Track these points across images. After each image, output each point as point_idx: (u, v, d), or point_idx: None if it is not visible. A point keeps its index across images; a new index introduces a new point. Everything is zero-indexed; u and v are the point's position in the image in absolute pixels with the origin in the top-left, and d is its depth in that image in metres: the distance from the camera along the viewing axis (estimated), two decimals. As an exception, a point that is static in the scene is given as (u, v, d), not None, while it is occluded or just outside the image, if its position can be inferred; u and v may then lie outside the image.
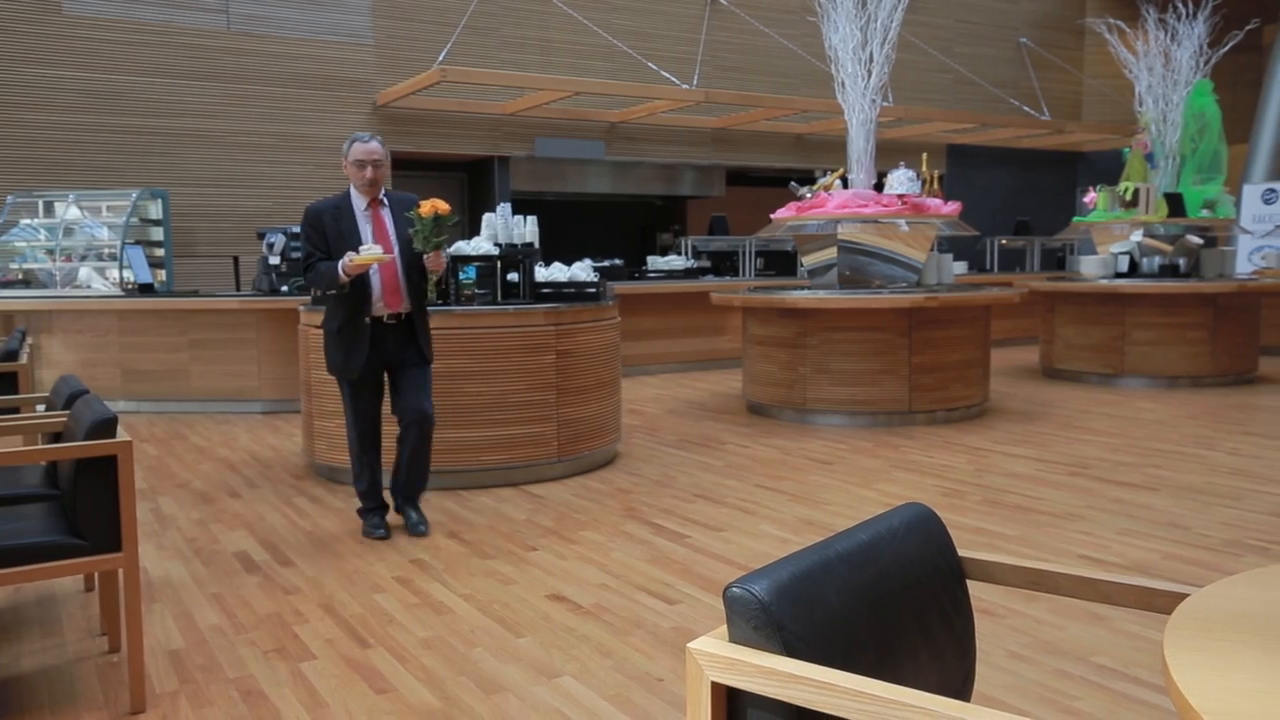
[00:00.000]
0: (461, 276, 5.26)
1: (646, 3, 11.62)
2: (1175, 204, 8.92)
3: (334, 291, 4.03)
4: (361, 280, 4.01)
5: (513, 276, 5.47)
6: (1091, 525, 4.31)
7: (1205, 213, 9.07)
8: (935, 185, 7.55)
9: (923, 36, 13.14)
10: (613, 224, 14.15)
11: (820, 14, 7.48)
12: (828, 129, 12.13)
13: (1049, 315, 9.21)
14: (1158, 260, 9.02)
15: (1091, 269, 9.11)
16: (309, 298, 5.73)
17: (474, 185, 11.83)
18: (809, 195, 7.46)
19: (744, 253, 11.34)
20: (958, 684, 1.46)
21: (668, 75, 11.01)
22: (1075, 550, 3.96)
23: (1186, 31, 9.08)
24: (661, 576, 3.68)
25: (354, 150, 4.08)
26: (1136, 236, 9.05)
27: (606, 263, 10.06)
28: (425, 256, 4.04)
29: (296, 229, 8.09)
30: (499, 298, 5.34)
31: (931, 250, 7.63)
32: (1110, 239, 9.29)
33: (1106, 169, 13.61)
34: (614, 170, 11.97)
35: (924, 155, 7.88)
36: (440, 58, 10.00)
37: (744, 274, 11.25)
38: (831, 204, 7.21)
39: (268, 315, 7.63)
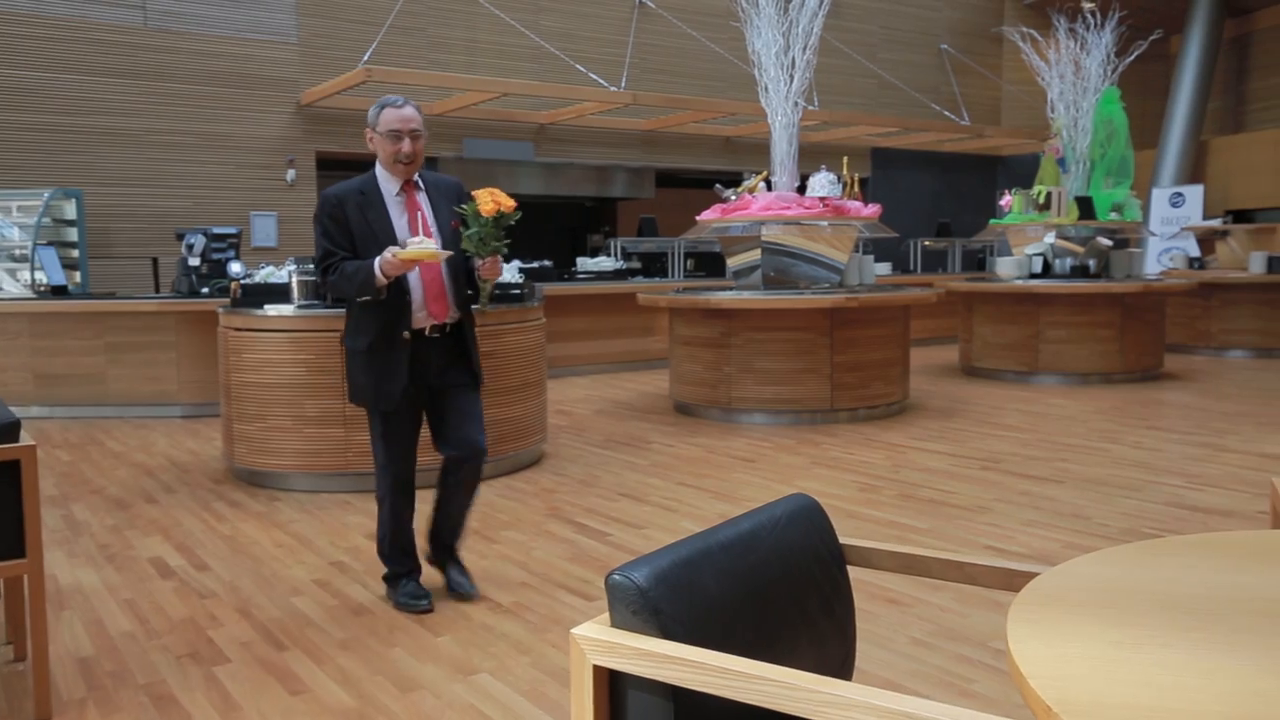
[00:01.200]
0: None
1: (574, 5, 11.67)
2: (1086, 207, 9.24)
3: (366, 298, 3.16)
4: (398, 285, 3.15)
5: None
6: (999, 517, 4.47)
7: (1114, 215, 9.42)
8: (856, 188, 7.72)
9: (847, 42, 13.40)
10: (543, 225, 14.16)
11: (743, 19, 7.60)
12: (755, 132, 12.30)
13: (967, 315, 9.48)
14: (1069, 261, 9.34)
15: (1007, 270, 9.39)
16: (226, 303, 5.64)
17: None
18: (733, 197, 7.57)
19: (673, 254, 11.45)
20: (836, 666, 1.54)
21: (595, 77, 11.06)
22: (982, 541, 4.10)
23: (1095, 41, 9.42)
24: (582, 574, 3.73)
25: (385, 119, 3.18)
26: (1049, 238, 9.36)
27: (536, 264, 10.08)
28: (479, 262, 3.23)
29: (218, 230, 7.98)
30: (422, 299, 5.34)
31: (854, 252, 7.81)
32: (1025, 241, 9.60)
33: (1024, 172, 14.04)
34: (544, 171, 11.99)
35: (845, 159, 8.05)
36: (365, 57, 9.92)
37: (673, 275, 11.36)
38: (755, 206, 7.34)
39: (187, 317, 7.50)
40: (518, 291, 5.65)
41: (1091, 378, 8.76)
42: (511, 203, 3.18)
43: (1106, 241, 9.34)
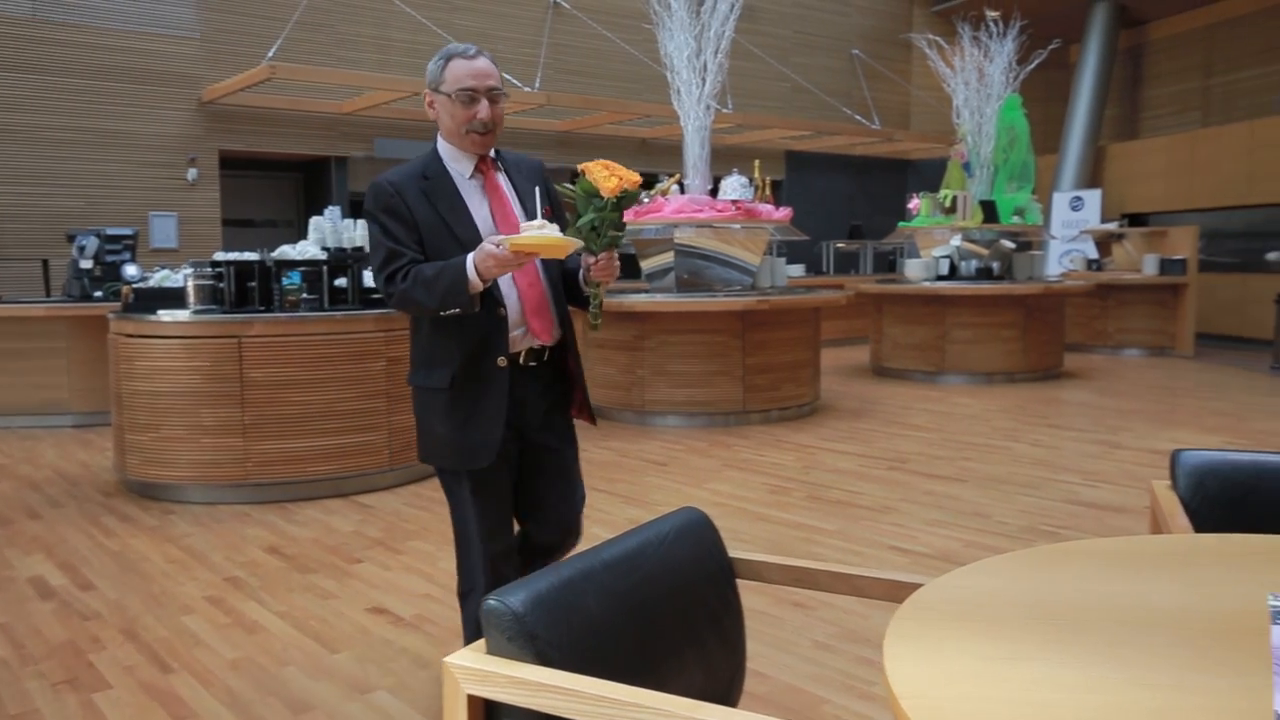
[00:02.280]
0: (285, 282, 5.09)
1: (488, 4, 11.54)
2: (989, 211, 9.49)
3: (454, 310, 2.26)
4: (488, 294, 2.31)
5: (341, 282, 5.33)
6: (904, 517, 4.54)
7: (1016, 219, 9.69)
8: (767, 191, 7.80)
9: (761, 46, 13.53)
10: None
11: (656, 21, 7.60)
12: (671, 134, 12.32)
13: (878, 316, 9.65)
14: (975, 264, 9.58)
15: (915, 272, 9.59)
16: (136, 309, 5.40)
17: (310, 186, 11.46)
18: (646, 200, 7.57)
19: (589, 256, 11.40)
20: (725, 681, 1.52)
21: (509, 78, 10.94)
22: (887, 541, 4.16)
23: (998, 49, 9.68)
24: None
25: (454, 73, 2.32)
26: (956, 241, 9.59)
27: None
28: (591, 259, 2.33)
29: (113, 230, 7.66)
30: (325, 304, 5.20)
31: (766, 254, 7.88)
32: (932, 243, 9.81)
33: (933, 176, 14.36)
34: (458, 172, 11.84)
35: (757, 162, 8.12)
36: (270, 53, 9.65)
37: (589, 277, 11.30)
38: (668, 209, 7.34)
39: (79, 323, 7.18)
40: (425, 295, 5.53)
41: (996, 377, 8.99)
42: (636, 177, 2.30)
43: (1010, 244, 9.60)
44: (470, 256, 2.22)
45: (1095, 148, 14.21)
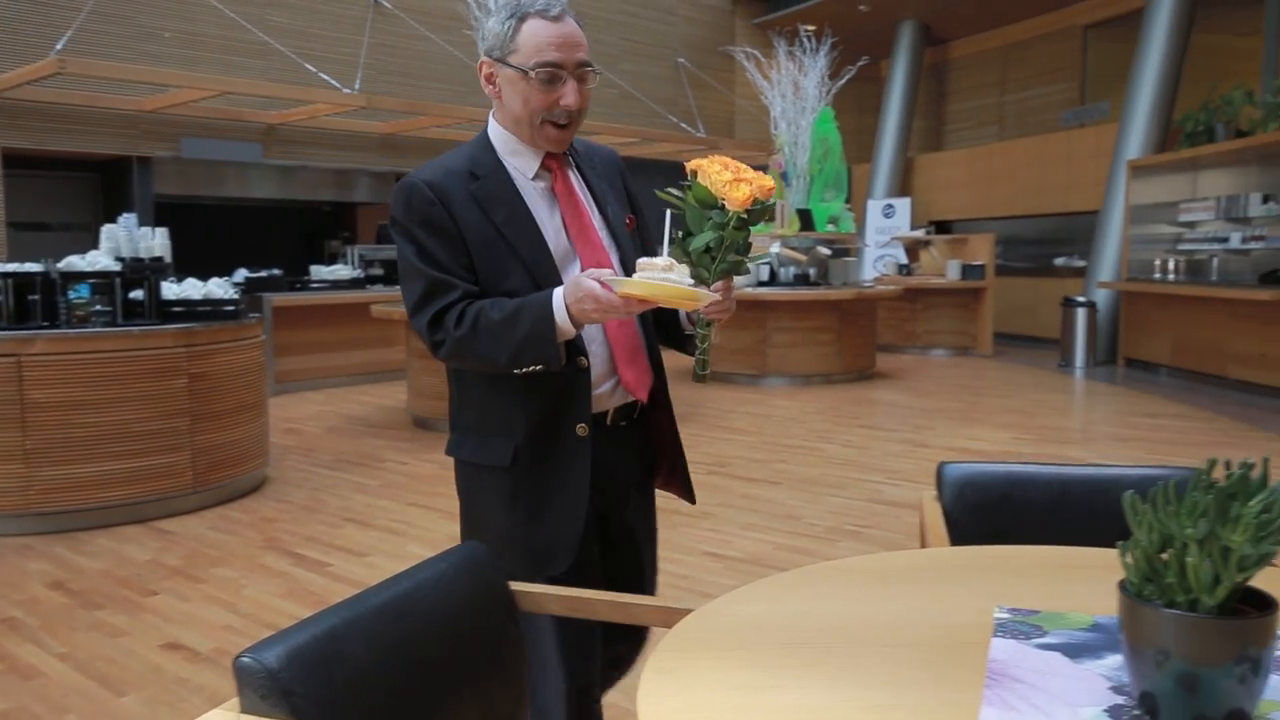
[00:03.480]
0: (73, 295, 4.76)
1: (305, 1, 11.13)
2: (806, 219, 9.89)
3: (537, 366, 1.71)
4: (568, 343, 1.73)
5: (137, 294, 5.03)
6: (720, 522, 4.67)
7: (831, 227, 10.13)
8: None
9: (590, 52, 13.60)
10: (278, 231, 13.44)
11: (476, 27, 7.53)
12: (498, 138, 12.22)
13: (703, 321, 9.87)
14: (793, 270, 9.95)
15: (738, 278, 9.87)
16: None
17: (110, 187, 10.74)
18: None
19: (415, 261, 11.16)
20: (506, 717, 1.52)
21: (327, 78, 10.60)
22: (702, 547, 4.27)
23: (811, 64, 10.09)
24: (295, 611, 3.54)
25: (531, 38, 1.74)
26: (775, 248, 9.93)
27: (264, 272, 9.54)
28: (704, 290, 1.70)
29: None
30: (120, 318, 4.89)
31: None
32: (754, 250, 10.12)
33: (756, 183, 14.82)
34: (279, 174, 11.36)
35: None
36: (59, 45, 8.99)
37: (416, 283, 11.07)
38: (491, 217, 7.28)
39: None
40: (231, 308, 5.29)
41: (814, 379, 9.37)
42: (769, 181, 1.72)
43: (826, 250, 10.03)
44: (560, 293, 1.65)
45: (905, 158, 15.02)
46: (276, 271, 9.65)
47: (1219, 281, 9.49)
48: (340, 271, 10.18)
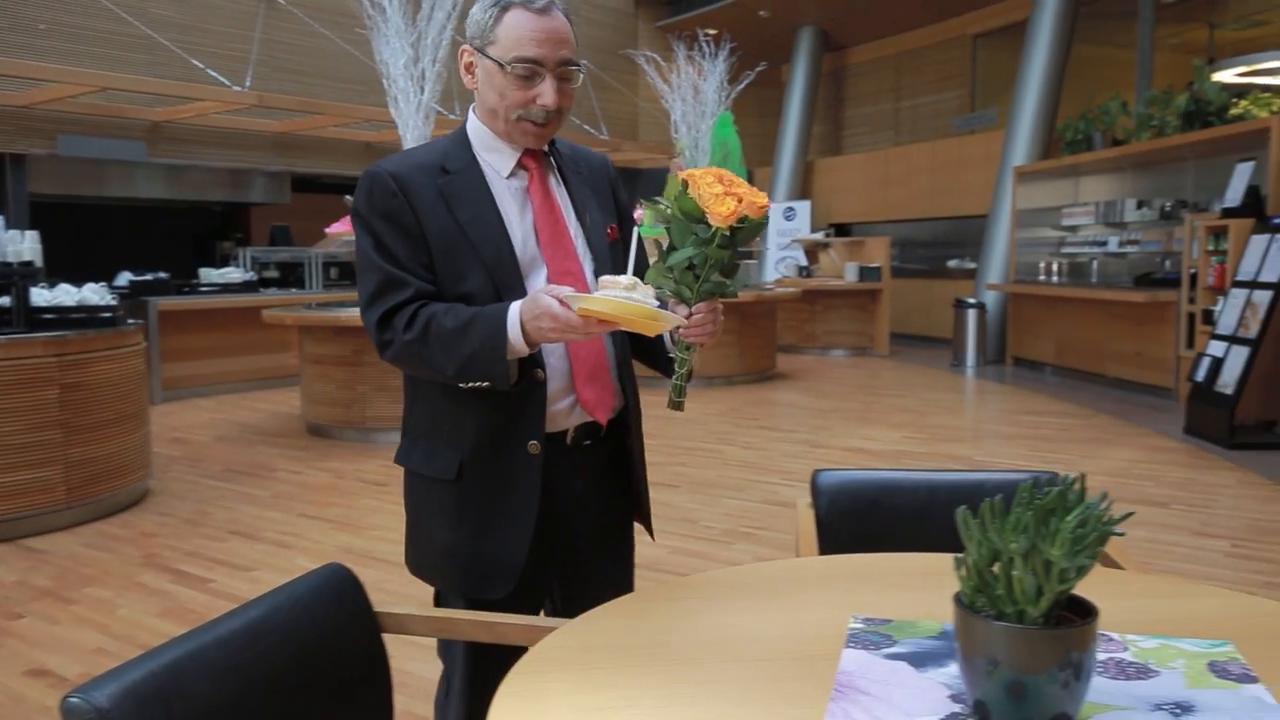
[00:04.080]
0: (-68, 303, 4.50)
1: (191, -6, 10.76)
2: (707, 222, 9.97)
3: (483, 383, 1.61)
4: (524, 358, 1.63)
5: (3, 301, 4.78)
6: (617, 527, 4.67)
7: (731, 230, 10.24)
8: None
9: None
10: (165, 232, 12.97)
11: (370, 26, 7.38)
12: (397, 139, 12.03)
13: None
14: (695, 272, 10.02)
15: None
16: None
17: (-18, 186, 10.19)
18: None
19: (311, 264, 10.91)
20: (368, 741, 1.49)
21: (216, 74, 10.26)
22: (598, 553, 4.26)
23: (711, 68, 10.19)
24: (172, 631, 3.40)
25: (512, 29, 1.63)
26: (677, 251, 9.99)
27: (150, 276, 9.19)
28: (685, 311, 1.64)
29: None
30: (-16, 326, 4.64)
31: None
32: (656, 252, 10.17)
33: (660, 186, 14.91)
34: (166, 173, 10.94)
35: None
36: (-76, 36, 8.50)
37: (312, 287, 10.82)
38: (387, 219, 7.15)
39: None
40: (108, 315, 5.08)
41: (716, 380, 9.47)
42: (763, 199, 1.57)
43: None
44: (517, 308, 1.55)
45: (805, 162, 15.31)
46: (163, 275, 9.30)
47: (1098, 284, 9.92)
48: (231, 274, 9.88)
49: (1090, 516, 0.98)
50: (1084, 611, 1.05)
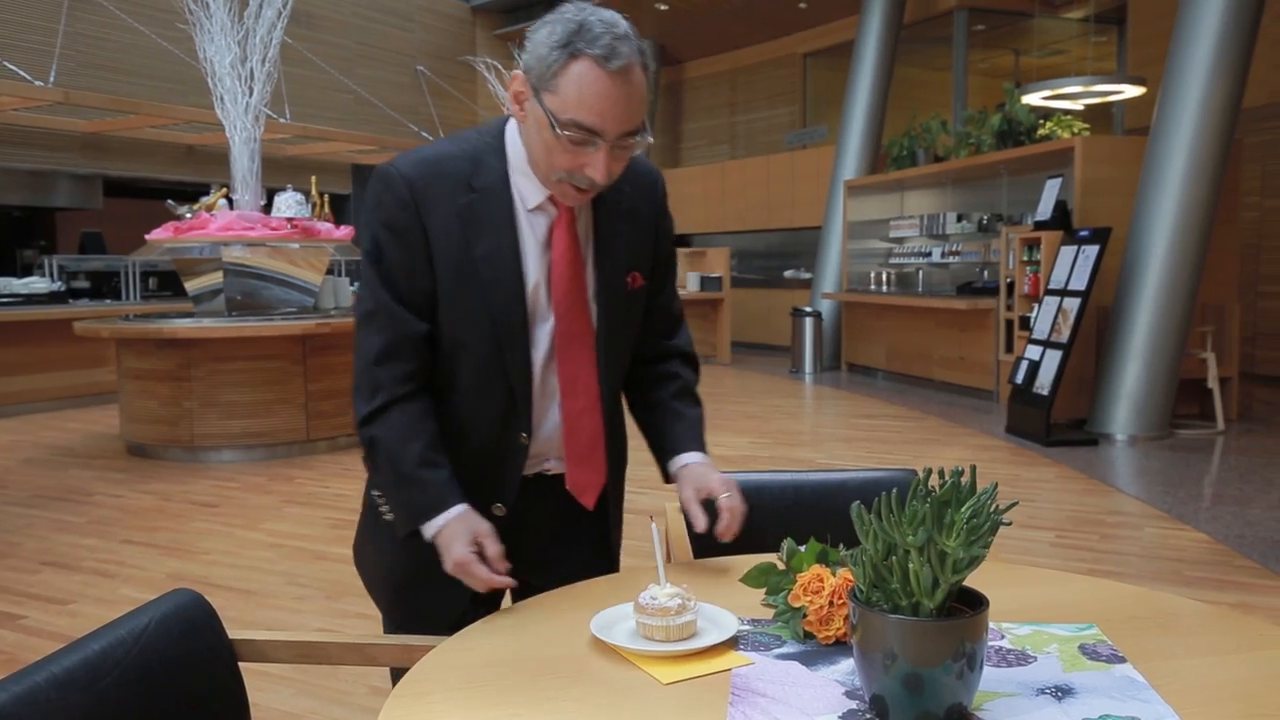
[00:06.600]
0: None
1: (-14, -20, 9.90)
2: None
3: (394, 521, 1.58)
4: (508, 400, 1.57)
5: None
6: (469, 541, 4.56)
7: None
8: (326, 208, 7.49)
9: (322, 55, 13.02)
10: (-43, 238, 11.85)
11: (192, 22, 6.98)
12: (221, 141, 11.41)
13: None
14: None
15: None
16: None
17: None
18: (189, 215, 6.92)
19: (127, 274, 10.21)
20: (224, 782, 1.37)
21: (15, 68, 9.46)
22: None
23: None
24: (-23, 675, 3.08)
25: (574, 82, 1.36)
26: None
27: (-60, 286, 8.37)
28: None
29: None
30: None
31: (329, 274, 7.56)
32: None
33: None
34: (-45, 174, 10.01)
35: (314, 178, 7.77)
36: None
37: (128, 297, 10.12)
38: (214, 225, 6.78)
39: None
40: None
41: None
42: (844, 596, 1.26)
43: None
44: (451, 516, 1.46)
45: (645, 173, 15.50)
46: (-45, 285, 8.49)
47: (924, 292, 10.46)
48: (36, 284, 9.11)
49: (983, 507, 0.99)
50: (974, 602, 1.07)
